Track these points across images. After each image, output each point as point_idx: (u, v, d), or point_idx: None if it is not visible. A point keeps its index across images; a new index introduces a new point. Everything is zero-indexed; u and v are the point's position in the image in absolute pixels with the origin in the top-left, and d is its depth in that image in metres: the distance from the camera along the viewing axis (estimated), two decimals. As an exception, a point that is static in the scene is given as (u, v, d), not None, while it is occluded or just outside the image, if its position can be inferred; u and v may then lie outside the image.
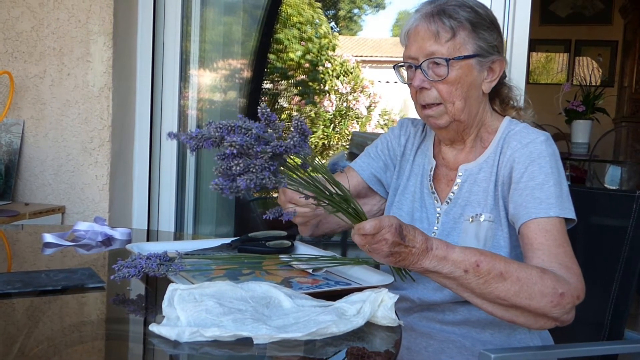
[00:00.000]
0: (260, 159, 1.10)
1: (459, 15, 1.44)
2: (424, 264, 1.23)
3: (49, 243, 1.61)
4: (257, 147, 1.10)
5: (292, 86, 9.35)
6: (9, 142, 2.61)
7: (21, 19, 2.58)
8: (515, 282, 1.24)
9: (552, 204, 1.35)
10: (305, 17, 9.41)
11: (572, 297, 1.26)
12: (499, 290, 1.24)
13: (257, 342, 0.94)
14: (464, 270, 1.23)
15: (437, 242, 1.24)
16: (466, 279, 1.24)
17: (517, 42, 2.34)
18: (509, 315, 1.29)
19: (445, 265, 1.23)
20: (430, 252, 1.22)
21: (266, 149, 1.10)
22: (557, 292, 1.25)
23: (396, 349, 0.98)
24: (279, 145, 1.11)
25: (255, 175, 1.10)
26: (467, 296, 1.29)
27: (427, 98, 1.47)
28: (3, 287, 1.18)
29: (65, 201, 2.58)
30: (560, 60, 8.55)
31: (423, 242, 1.22)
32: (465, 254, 1.24)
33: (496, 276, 1.24)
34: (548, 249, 1.32)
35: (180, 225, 2.89)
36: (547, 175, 1.38)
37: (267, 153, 1.10)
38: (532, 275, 1.25)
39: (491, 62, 1.48)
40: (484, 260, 1.24)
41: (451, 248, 1.24)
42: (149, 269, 1.17)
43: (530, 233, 1.35)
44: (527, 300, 1.24)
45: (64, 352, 0.95)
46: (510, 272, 1.24)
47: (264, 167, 1.10)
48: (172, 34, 2.75)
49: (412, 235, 1.21)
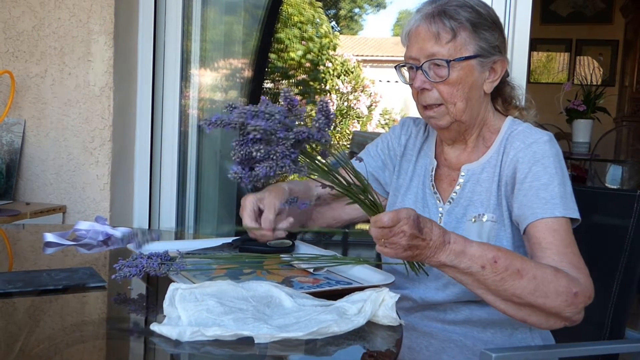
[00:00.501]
0: (281, 146, 1.06)
1: (459, 15, 1.43)
2: (441, 258, 1.22)
3: (50, 242, 1.61)
4: (280, 133, 1.05)
5: (293, 85, 9.36)
6: (10, 141, 2.61)
7: (22, 19, 2.59)
8: (531, 280, 1.23)
9: (557, 204, 1.35)
10: (306, 16, 9.42)
11: (584, 297, 1.26)
12: (515, 288, 1.23)
13: (258, 342, 0.94)
14: (481, 265, 1.22)
15: (455, 236, 1.23)
16: (483, 274, 1.23)
17: (518, 42, 2.33)
18: (522, 314, 1.28)
19: (462, 259, 1.22)
20: (448, 245, 1.21)
21: (289, 135, 1.06)
22: (571, 291, 1.24)
23: (397, 348, 0.98)
24: (301, 132, 1.07)
25: (275, 163, 1.05)
26: (481, 293, 1.27)
27: (428, 99, 1.47)
28: (4, 287, 1.18)
29: (67, 201, 2.58)
30: (561, 59, 8.55)
31: (440, 235, 1.20)
32: (483, 249, 1.23)
33: (513, 273, 1.23)
34: (557, 249, 1.32)
35: (181, 225, 2.89)
36: (552, 176, 1.38)
37: (290, 139, 1.06)
38: (548, 274, 1.24)
39: (493, 62, 1.48)
40: (501, 257, 1.23)
41: (469, 242, 1.23)
42: (150, 268, 1.17)
43: (538, 233, 1.34)
44: (542, 299, 1.24)
45: (65, 351, 0.95)
46: (527, 270, 1.23)
47: (284, 154, 1.06)
48: (173, 33, 2.75)
49: (429, 227, 1.19)
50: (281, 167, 1.06)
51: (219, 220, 3.27)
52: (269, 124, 1.05)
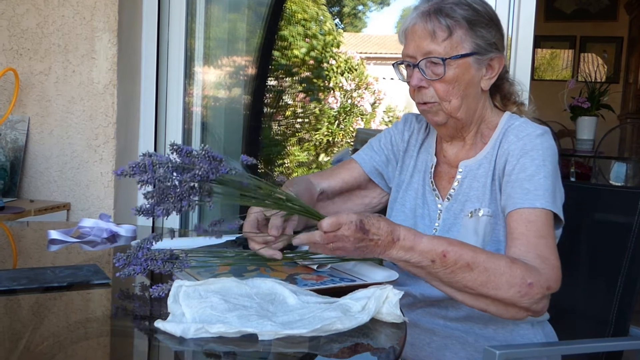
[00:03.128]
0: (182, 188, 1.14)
1: (455, 13, 1.43)
2: (391, 254, 1.24)
3: (54, 240, 1.62)
4: (178, 177, 1.14)
5: (296, 83, 9.35)
6: (14, 139, 2.62)
7: (26, 16, 2.59)
8: (482, 272, 1.24)
9: (540, 196, 1.35)
10: (309, 14, 9.41)
11: (541, 288, 1.26)
12: (466, 280, 1.25)
13: (262, 339, 0.94)
14: (431, 260, 1.24)
15: (405, 232, 1.24)
16: (433, 268, 1.25)
17: (522, 39, 2.33)
18: (479, 304, 1.29)
19: (412, 255, 1.24)
20: (397, 242, 1.23)
21: (186, 178, 1.14)
22: (525, 282, 1.25)
23: (401, 345, 0.98)
24: (195, 175, 1.14)
25: (172, 205, 1.14)
26: (436, 284, 1.30)
27: (424, 97, 1.47)
28: (9, 284, 1.18)
29: (70, 198, 2.59)
30: (565, 56, 8.53)
31: (388, 233, 1.22)
32: (433, 244, 1.24)
33: (463, 266, 1.24)
34: (527, 239, 1.32)
35: (184, 223, 2.90)
36: (538, 167, 1.38)
37: (188, 182, 1.14)
38: (500, 266, 1.25)
39: (490, 59, 1.47)
40: (451, 251, 1.24)
41: (419, 238, 1.24)
42: (155, 266, 1.18)
43: (513, 222, 1.35)
44: (494, 291, 1.25)
45: (70, 348, 0.95)
46: (478, 263, 1.24)
47: (182, 196, 1.14)
48: (177, 31, 2.76)
49: (376, 227, 1.21)
50: (179, 209, 1.15)
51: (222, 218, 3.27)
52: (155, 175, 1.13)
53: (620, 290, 1.59)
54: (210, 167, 1.15)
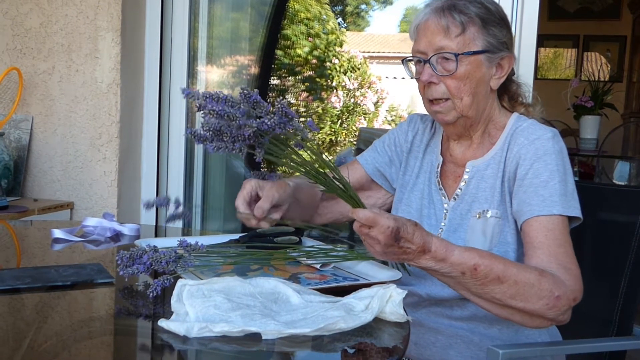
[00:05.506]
0: (239, 130, 1.17)
1: (469, 10, 1.44)
2: (420, 263, 1.23)
3: (58, 239, 1.62)
4: (240, 121, 1.17)
5: (299, 82, 9.36)
6: (17, 138, 2.62)
7: (30, 15, 2.59)
8: (512, 286, 1.24)
9: (556, 202, 1.35)
10: (312, 13, 9.41)
11: (567, 300, 1.26)
12: (495, 292, 1.24)
13: (266, 338, 0.94)
14: (461, 272, 1.23)
15: (438, 243, 1.22)
16: (463, 279, 1.24)
17: (526, 38, 2.33)
18: (505, 313, 1.29)
19: (443, 266, 1.23)
20: (429, 253, 1.21)
21: (252, 123, 1.17)
22: (553, 295, 1.25)
23: (404, 344, 0.98)
24: (263, 123, 1.18)
25: (225, 145, 1.19)
26: (463, 293, 1.29)
27: (435, 93, 1.47)
28: (13, 283, 1.18)
29: (74, 197, 2.59)
30: (569, 55, 8.51)
31: (421, 245, 1.20)
32: (464, 257, 1.23)
33: (493, 279, 1.23)
34: (548, 249, 1.32)
35: (188, 222, 2.89)
36: (552, 173, 1.38)
37: (253, 127, 1.17)
38: (530, 279, 1.25)
39: (500, 58, 1.48)
40: (482, 264, 1.23)
41: (451, 250, 1.23)
42: (158, 265, 1.18)
43: (532, 231, 1.35)
44: (522, 303, 1.25)
45: (73, 347, 0.95)
46: (508, 276, 1.24)
47: (236, 139, 1.18)
48: (180, 30, 2.76)
49: (410, 236, 1.18)
50: (231, 149, 1.20)
51: (225, 217, 3.28)
52: (225, 110, 1.18)
53: (624, 289, 1.58)
54: (280, 120, 1.17)
